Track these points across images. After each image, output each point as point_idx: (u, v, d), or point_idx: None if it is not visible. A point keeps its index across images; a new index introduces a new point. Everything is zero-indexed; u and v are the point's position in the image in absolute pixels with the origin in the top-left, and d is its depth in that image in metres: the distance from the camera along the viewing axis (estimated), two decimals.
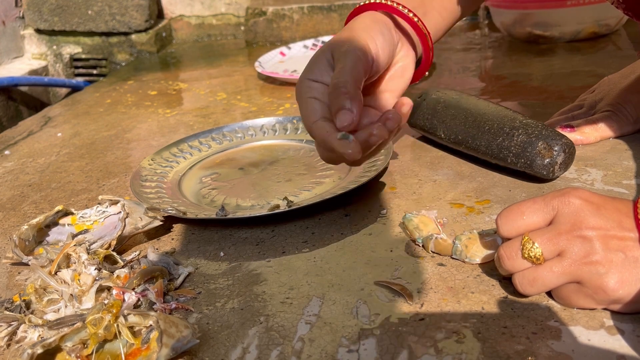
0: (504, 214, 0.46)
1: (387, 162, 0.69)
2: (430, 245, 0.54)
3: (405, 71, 0.59)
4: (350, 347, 0.44)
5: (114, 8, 1.54)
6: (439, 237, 0.54)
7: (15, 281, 0.59)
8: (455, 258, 0.53)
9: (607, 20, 1.12)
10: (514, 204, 0.46)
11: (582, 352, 0.41)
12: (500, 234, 0.46)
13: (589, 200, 0.44)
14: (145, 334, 0.46)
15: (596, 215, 0.43)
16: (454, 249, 0.52)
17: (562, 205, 0.44)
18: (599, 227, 0.42)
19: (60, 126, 1.07)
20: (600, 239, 0.42)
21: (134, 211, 0.61)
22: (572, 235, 0.42)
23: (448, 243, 0.53)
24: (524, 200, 0.46)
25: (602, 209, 0.43)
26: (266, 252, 0.58)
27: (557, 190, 0.45)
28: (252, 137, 0.85)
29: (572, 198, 0.44)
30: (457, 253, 0.52)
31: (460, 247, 0.52)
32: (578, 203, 0.43)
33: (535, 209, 0.45)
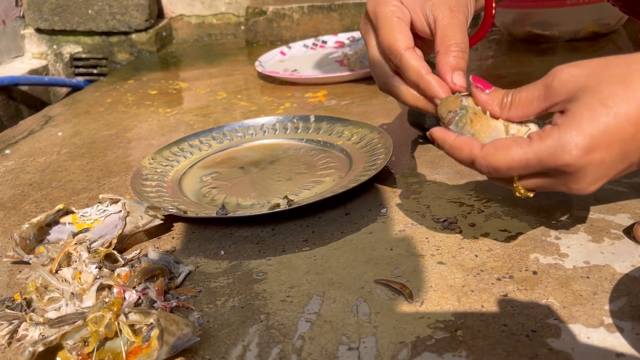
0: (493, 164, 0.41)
1: (387, 161, 0.69)
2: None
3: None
4: (351, 345, 0.44)
5: (114, 7, 1.54)
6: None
7: (16, 280, 0.59)
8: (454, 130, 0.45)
9: (606, 19, 1.12)
10: (503, 155, 0.41)
11: (581, 350, 0.41)
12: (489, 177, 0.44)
13: (590, 155, 0.38)
14: (146, 332, 0.46)
15: (597, 170, 0.38)
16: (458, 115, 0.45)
17: (559, 169, 0.39)
18: (599, 181, 0.39)
19: (60, 125, 1.07)
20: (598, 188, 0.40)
21: (135, 210, 0.61)
22: (567, 191, 0.41)
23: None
24: (513, 154, 0.40)
25: (606, 156, 0.38)
26: (266, 251, 0.58)
27: (550, 147, 0.39)
28: (252, 136, 0.85)
29: (568, 158, 0.38)
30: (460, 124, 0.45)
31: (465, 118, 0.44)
32: (578, 166, 0.38)
33: (527, 167, 0.40)
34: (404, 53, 0.48)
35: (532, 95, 0.42)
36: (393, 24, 0.49)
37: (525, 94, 0.42)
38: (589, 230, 0.55)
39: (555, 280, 0.49)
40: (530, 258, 0.52)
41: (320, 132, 0.82)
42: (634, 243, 0.52)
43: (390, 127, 0.85)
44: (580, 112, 0.38)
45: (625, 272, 0.49)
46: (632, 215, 0.56)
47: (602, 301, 0.46)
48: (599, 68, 0.39)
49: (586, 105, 0.38)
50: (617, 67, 0.38)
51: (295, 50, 1.33)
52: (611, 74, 0.38)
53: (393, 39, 0.49)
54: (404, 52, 0.48)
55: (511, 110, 0.43)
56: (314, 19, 1.48)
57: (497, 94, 0.44)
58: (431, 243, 0.56)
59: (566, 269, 0.50)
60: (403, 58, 0.48)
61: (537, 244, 0.54)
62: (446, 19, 0.49)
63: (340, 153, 0.77)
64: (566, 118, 0.39)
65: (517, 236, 0.55)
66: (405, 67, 0.48)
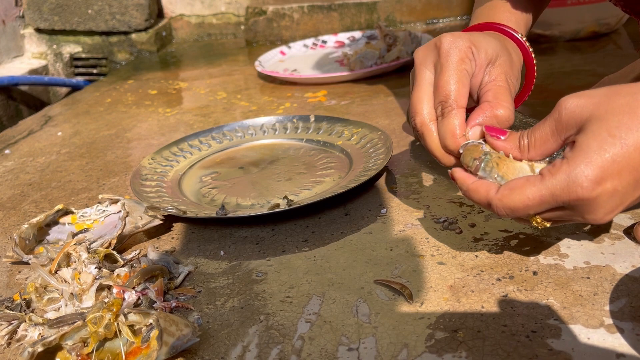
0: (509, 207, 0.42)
1: (387, 161, 0.69)
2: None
3: None
4: (351, 346, 0.44)
5: (114, 7, 1.54)
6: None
7: (16, 280, 0.59)
8: (483, 175, 0.45)
9: (607, 19, 1.12)
10: (518, 195, 0.41)
11: (581, 350, 0.41)
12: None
13: (601, 186, 0.38)
14: (146, 332, 0.46)
15: (611, 199, 0.39)
16: (484, 161, 0.45)
17: (573, 203, 0.40)
18: (615, 210, 0.40)
19: (60, 125, 1.07)
20: (614, 216, 0.40)
21: (134, 210, 0.61)
22: (584, 222, 0.42)
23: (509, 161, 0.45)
24: (527, 193, 0.41)
25: (617, 185, 0.38)
26: (266, 251, 0.58)
27: (562, 182, 0.39)
28: (252, 136, 0.85)
29: (580, 191, 0.39)
30: (487, 169, 0.45)
31: (491, 163, 0.45)
32: (592, 198, 0.39)
33: (542, 204, 0.41)
34: (456, 109, 0.48)
35: (545, 133, 0.42)
36: (460, 75, 0.49)
37: (539, 134, 0.43)
38: (589, 230, 0.55)
39: (555, 280, 0.49)
40: (530, 258, 0.52)
41: (320, 132, 0.82)
42: (634, 243, 0.52)
43: (391, 127, 0.85)
44: (588, 143, 0.38)
45: (626, 273, 0.48)
46: (632, 215, 0.56)
47: (603, 302, 0.46)
48: (604, 98, 0.39)
49: (594, 136, 0.38)
50: (622, 96, 0.39)
51: (295, 50, 1.33)
52: (617, 103, 0.38)
53: (454, 90, 0.49)
54: (456, 108, 0.48)
55: (530, 151, 0.44)
56: (313, 19, 1.48)
57: (513, 138, 0.45)
58: (431, 243, 0.56)
59: (566, 269, 0.50)
60: (452, 113, 0.48)
61: (537, 245, 0.54)
62: (502, 82, 0.49)
63: (340, 153, 0.77)
64: (575, 151, 0.39)
65: (517, 236, 0.55)
66: (446, 122, 0.48)
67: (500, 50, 0.51)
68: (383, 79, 1.08)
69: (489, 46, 0.50)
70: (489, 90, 0.49)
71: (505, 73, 0.50)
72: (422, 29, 1.43)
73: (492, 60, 0.50)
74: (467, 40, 0.50)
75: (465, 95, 0.49)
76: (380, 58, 1.12)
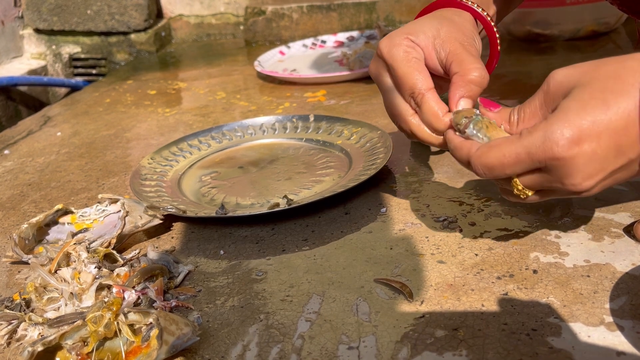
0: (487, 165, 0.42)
1: (387, 160, 0.69)
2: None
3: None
4: (351, 345, 0.44)
5: (113, 8, 1.54)
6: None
7: (15, 280, 0.59)
8: (470, 133, 0.44)
9: (606, 18, 1.12)
10: (495, 152, 0.41)
11: (582, 348, 0.41)
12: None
13: (579, 146, 0.37)
14: (146, 331, 0.46)
15: (589, 163, 0.38)
16: (473, 121, 0.44)
17: (549, 162, 0.39)
18: (595, 176, 0.38)
19: (59, 126, 1.07)
20: (598, 188, 0.40)
21: (134, 210, 0.61)
22: (565, 191, 0.41)
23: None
24: (504, 150, 0.41)
25: (596, 147, 0.37)
26: (266, 250, 0.58)
27: (538, 139, 0.39)
28: (251, 135, 0.85)
29: (556, 149, 0.38)
30: (477, 128, 0.44)
31: (481, 123, 0.44)
32: (568, 157, 0.38)
33: (518, 162, 0.40)
34: (425, 94, 0.49)
35: (534, 107, 0.42)
36: (412, 65, 0.50)
37: (528, 108, 0.42)
38: (589, 228, 0.55)
39: (555, 279, 0.49)
40: (530, 257, 0.52)
41: (319, 132, 0.82)
42: (634, 242, 0.52)
43: (390, 127, 0.85)
44: (569, 105, 0.38)
45: (626, 271, 0.48)
46: (632, 213, 0.56)
47: (603, 300, 0.46)
48: (592, 66, 0.39)
49: (575, 98, 0.38)
50: (610, 64, 0.38)
51: (295, 50, 1.33)
52: (603, 70, 0.38)
53: (414, 80, 0.49)
54: (425, 93, 0.49)
55: (520, 125, 0.43)
56: (313, 19, 1.48)
57: (505, 112, 0.44)
58: (431, 242, 0.56)
59: (566, 267, 0.50)
60: (425, 98, 0.49)
61: (537, 243, 0.54)
62: (459, 49, 0.50)
63: (340, 152, 0.77)
64: (555, 112, 0.39)
65: (517, 235, 0.55)
66: (426, 108, 0.49)
67: (439, 23, 0.51)
68: None
69: (424, 26, 0.51)
70: (451, 61, 0.49)
71: (456, 39, 0.50)
72: None
73: (436, 35, 0.51)
74: (400, 33, 0.51)
75: (427, 77, 0.50)
76: None
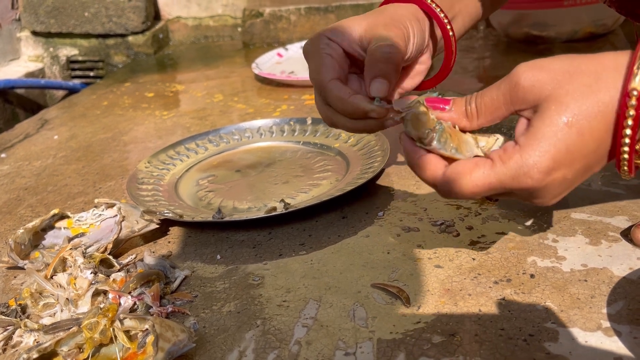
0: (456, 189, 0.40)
1: (384, 164, 0.69)
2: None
3: (417, 76, 0.57)
4: (347, 350, 0.44)
5: (110, 10, 1.54)
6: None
7: (11, 285, 0.59)
8: (437, 147, 0.42)
9: (604, 20, 1.12)
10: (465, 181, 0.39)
11: (579, 353, 0.41)
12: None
13: (552, 175, 0.37)
14: (142, 338, 0.46)
15: (559, 186, 0.38)
16: (438, 132, 0.41)
17: (519, 190, 0.39)
18: (562, 194, 0.39)
19: (56, 129, 1.07)
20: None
21: (130, 214, 0.61)
22: (530, 203, 0.40)
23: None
24: (475, 180, 0.39)
25: (568, 173, 0.37)
26: (263, 255, 0.58)
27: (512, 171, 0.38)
28: (249, 139, 0.85)
29: (530, 182, 0.37)
30: (442, 140, 0.41)
31: (445, 134, 0.42)
32: (540, 187, 0.38)
33: (489, 190, 0.40)
34: (327, 85, 0.49)
35: (497, 101, 0.40)
36: (319, 60, 0.50)
37: (489, 99, 0.40)
38: (586, 232, 0.55)
39: (552, 283, 0.48)
40: (527, 261, 0.52)
41: (317, 135, 0.82)
42: (631, 245, 0.52)
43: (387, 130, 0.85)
44: (543, 131, 0.37)
45: (623, 275, 0.48)
46: (629, 217, 0.56)
47: (600, 304, 0.45)
48: (566, 76, 0.37)
49: (551, 122, 0.36)
50: (585, 75, 0.36)
51: (292, 52, 1.33)
52: (578, 83, 0.36)
53: (318, 74, 0.49)
54: (327, 84, 0.49)
55: (480, 118, 0.41)
56: (310, 21, 1.48)
57: (459, 105, 0.42)
58: (428, 246, 0.56)
59: (564, 272, 0.50)
60: (327, 89, 0.49)
61: (534, 247, 0.53)
62: (377, 33, 0.49)
63: (337, 156, 0.77)
64: (529, 137, 0.37)
65: (514, 239, 0.55)
66: (329, 96, 0.49)
67: (372, 19, 0.51)
68: None
69: (347, 21, 0.51)
70: (367, 57, 0.49)
71: (381, 24, 0.50)
72: None
73: (359, 25, 0.51)
74: (321, 32, 0.51)
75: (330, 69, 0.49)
76: None
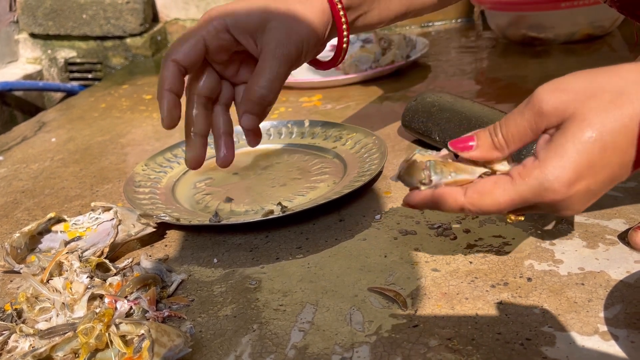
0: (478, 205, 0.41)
1: (382, 167, 0.69)
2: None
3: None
4: (344, 355, 0.44)
5: (108, 12, 1.54)
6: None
7: (7, 289, 0.59)
8: (437, 181, 0.42)
9: (601, 22, 1.12)
10: (489, 199, 0.39)
11: (576, 357, 0.41)
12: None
13: (574, 187, 0.37)
14: (137, 343, 0.46)
15: (583, 197, 0.38)
16: (431, 166, 0.42)
17: (543, 203, 0.39)
18: (586, 205, 0.39)
19: (54, 131, 1.07)
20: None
21: (127, 218, 0.61)
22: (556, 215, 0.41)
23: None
24: (497, 197, 0.39)
25: (592, 184, 0.37)
26: (260, 258, 0.58)
27: (534, 188, 0.38)
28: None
29: (552, 196, 0.38)
30: (438, 170, 0.42)
31: (438, 165, 0.42)
32: (562, 200, 0.38)
33: (513, 206, 0.40)
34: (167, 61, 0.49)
35: (524, 128, 0.39)
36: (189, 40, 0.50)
37: (515, 129, 0.40)
38: (583, 235, 0.54)
39: (549, 287, 0.48)
40: (524, 264, 0.52)
41: (314, 137, 0.82)
42: (628, 249, 0.52)
43: (385, 132, 0.85)
44: (566, 147, 0.36)
45: (620, 279, 0.48)
46: (626, 220, 0.56)
47: (597, 308, 0.45)
48: (588, 95, 0.37)
49: (573, 138, 0.36)
50: (608, 92, 0.36)
51: None
52: (602, 100, 0.36)
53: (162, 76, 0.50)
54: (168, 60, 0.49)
55: (509, 147, 0.40)
56: None
57: (484, 139, 0.41)
58: (425, 250, 0.56)
59: (561, 275, 0.50)
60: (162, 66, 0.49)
61: (531, 250, 0.53)
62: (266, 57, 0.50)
63: (335, 158, 0.76)
64: (550, 152, 0.37)
65: (511, 242, 0.55)
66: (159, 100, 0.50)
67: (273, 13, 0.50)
68: (378, 82, 1.08)
69: (252, 12, 0.50)
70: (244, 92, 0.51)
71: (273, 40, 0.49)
72: (417, 32, 1.43)
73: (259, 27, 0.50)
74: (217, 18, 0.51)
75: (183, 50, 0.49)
76: (375, 62, 1.12)
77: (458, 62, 1.15)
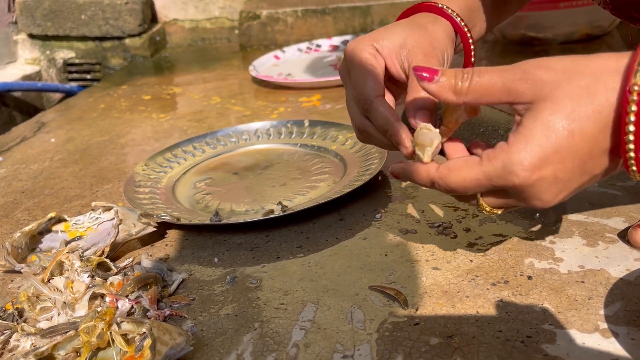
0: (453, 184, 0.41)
1: (382, 165, 0.69)
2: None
3: None
4: (345, 353, 0.44)
5: (107, 12, 1.54)
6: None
7: (8, 289, 0.59)
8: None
9: (600, 21, 1.12)
10: (455, 176, 0.40)
11: (576, 355, 0.41)
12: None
13: (539, 172, 0.37)
14: (139, 341, 0.46)
15: (552, 185, 0.38)
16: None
17: (508, 188, 0.39)
18: (558, 195, 0.38)
19: (53, 132, 1.07)
20: (561, 200, 0.39)
21: (128, 217, 0.61)
22: (530, 207, 0.40)
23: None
24: (464, 175, 0.40)
25: (559, 171, 0.37)
26: (260, 258, 0.58)
27: (498, 169, 0.38)
28: (246, 141, 0.85)
29: (516, 179, 0.37)
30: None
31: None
32: (527, 185, 0.37)
33: (479, 186, 0.40)
34: (373, 100, 0.49)
35: (494, 86, 0.38)
36: (365, 72, 0.50)
37: (487, 81, 0.39)
38: (583, 234, 0.55)
39: (550, 285, 0.49)
40: (525, 263, 0.52)
41: (314, 137, 0.82)
42: (628, 247, 0.52)
43: None
44: (534, 131, 0.36)
45: (620, 277, 0.48)
46: (626, 218, 0.56)
47: (597, 306, 0.46)
48: (566, 77, 0.36)
49: (541, 122, 0.36)
50: (585, 77, 0.36)
51: (289, 54, 1.33)
52: (577, 84, 0.36)
53: (363, 86, 0.49)
54: (373, 100, 0.49)
55: (469, 95, 0.39)
56: (307, 23, 1.48)
57: (449, 77, 0.40)
58: (426, 248, 0.56)
59: (561, 273, 0.50)
60: (373, 105, 0.49)
61: (532, 249, 0.53)
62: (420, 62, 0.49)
63: (335, 158, 0.77)
64: (517, 136, 0.37)
65: (511, 240, 0.55)
66: (375, 115, 0.49)
67: (409, 31, 0.50)
68: None
69: (394, 33, 0.51)
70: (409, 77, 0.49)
71: (421, 50, 0.50)
72: None
73: (402, 44, 0.50)
74: (367, 38, 0.51)
75: (377, 85, 0.49)
76: None
77: (457, 63, 1.15)
